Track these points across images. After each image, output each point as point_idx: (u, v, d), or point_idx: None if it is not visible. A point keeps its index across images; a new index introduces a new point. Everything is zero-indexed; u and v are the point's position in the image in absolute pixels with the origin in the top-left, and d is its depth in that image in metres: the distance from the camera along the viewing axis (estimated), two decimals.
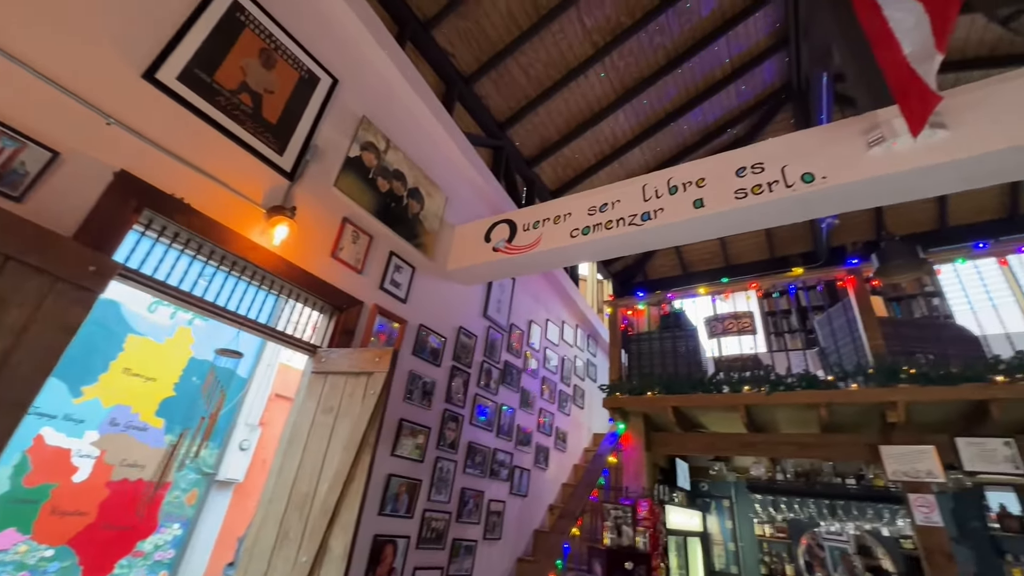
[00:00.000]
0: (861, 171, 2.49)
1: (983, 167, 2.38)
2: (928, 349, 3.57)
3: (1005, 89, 2.33)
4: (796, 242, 7.63)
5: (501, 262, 3.70)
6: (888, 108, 2.46)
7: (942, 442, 3.41)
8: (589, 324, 6.74)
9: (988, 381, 3.09)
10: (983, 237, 6.37)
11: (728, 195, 2.81)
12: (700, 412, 4.32)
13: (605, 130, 6.09)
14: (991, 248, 3.52)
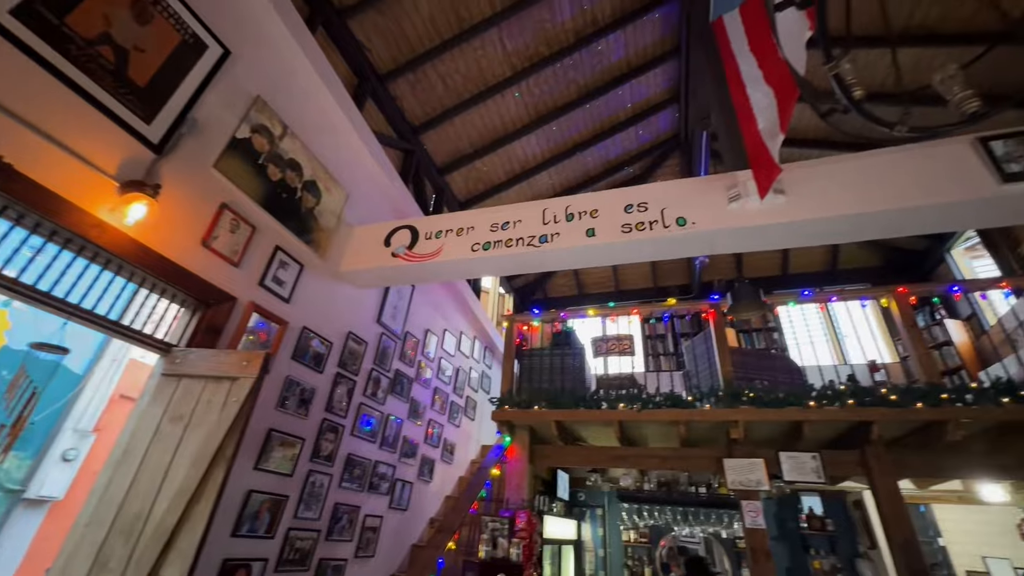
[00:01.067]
0: (722, 221, 2.89)
1: (811, 229, 2.90)
2: (764, 376, 4.22)
3: (831, 169, 2.88)
4: (676, 275, 8.56)
5: (399, 268, 3.61)
6: (745, 171, 2.89)
7: (769, 456, 4.02)
8: (487, 336, 6.83)
9: (804, 405, 3.74)
10: (812, 285, 7.75)
11: (616, 228, 3.07)
12: (581, 426, 4.60)
13: (517, 150, 6.31)
14: (814, 296, 4.30)
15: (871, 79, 4.87)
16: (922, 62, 4.60)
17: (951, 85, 1.25)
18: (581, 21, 5.10)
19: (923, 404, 3.48)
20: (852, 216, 2.70)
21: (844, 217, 2.72)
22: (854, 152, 2.91)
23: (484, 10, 4.67)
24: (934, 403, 3.46)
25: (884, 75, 4.86)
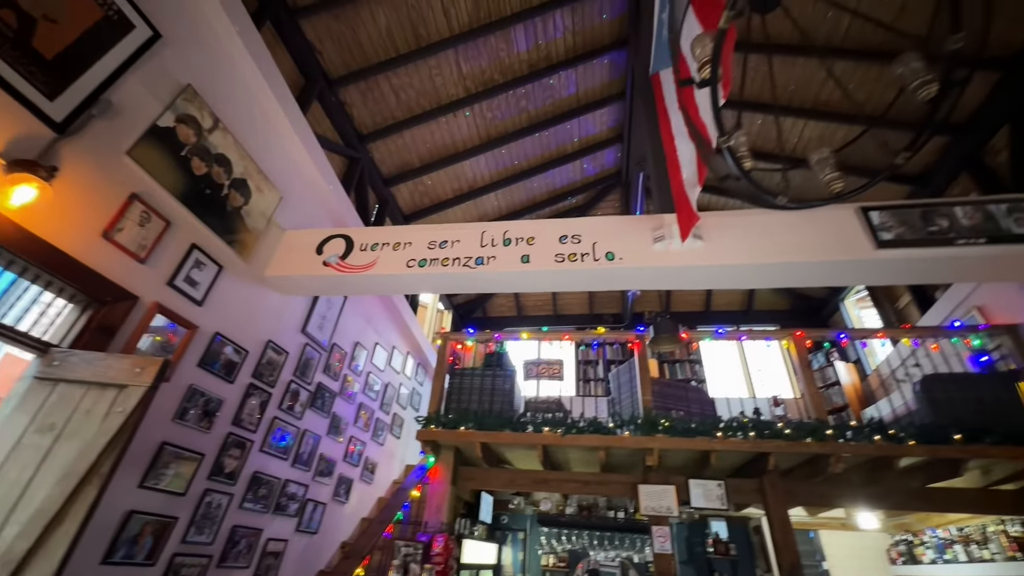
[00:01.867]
0: (647, 259, 3.08)
1: (724, 274, 3.16)
2: (680, 407, 4.48)
3: (743, 221, 3.18)
4: (611, 304, 8.93)
5: (329, 278, 3.48)
6: (671, 215, 3.12)
7: (680, 483, 4.25)
8: (422, 353, 6.71)
9: (712, 436, 4.00)
10: (731, 323, 8.39)
11: (550, 257, 3.18)
12: (506, 449, 4.60)
13: (466, 169, 6.37)
14: (727, 334, 4.66)
15: (765, 142, 5.50)
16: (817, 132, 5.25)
17: (823, 166, 1.45)
18: (536, 55, 5.32)
19: (812, 439, 3.85)
20: (757, 265, 2.98)
21: (751, 266, 3.00)
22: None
23: (443, 31, 4.75)
24: (820, 438, 3.83)
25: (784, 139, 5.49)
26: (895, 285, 6.14)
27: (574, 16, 5.06)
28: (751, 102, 5.41)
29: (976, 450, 3.57)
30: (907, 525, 5.65)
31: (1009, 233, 2.75)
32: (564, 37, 5.24)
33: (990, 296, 4.35)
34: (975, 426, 3.69)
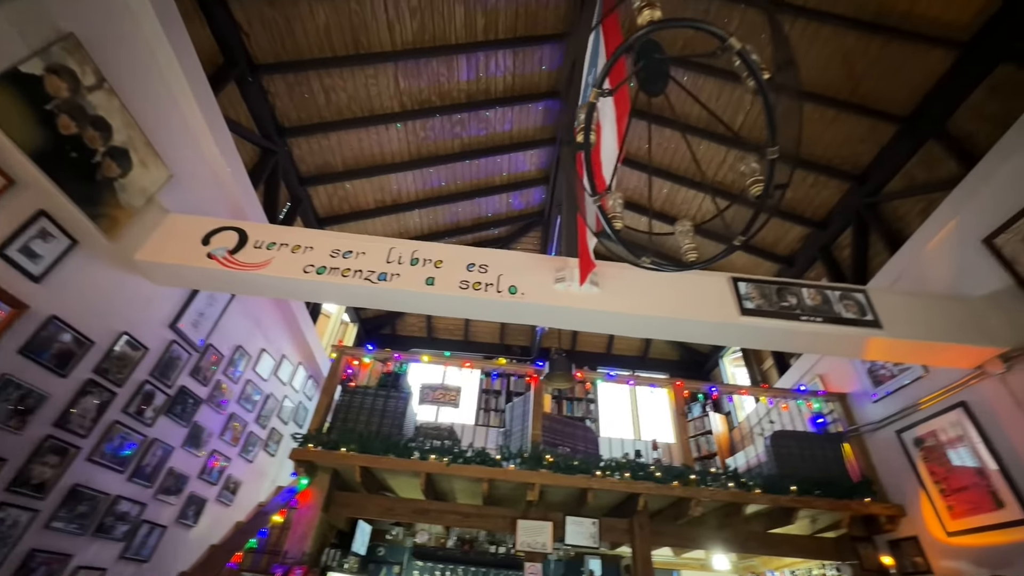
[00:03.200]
0: (547, 298, 3.21)
1: (615, 320, 3.38)
2: (567, 443, 4.62)
3: (634, 274, 3.44)
4: (521, 336, 9.11)
5: (212, 272, 3.17)
6: (574, 259, 3.30)
7: (558, 520, 4.33)
8: (316, 365, 6.28)
9: (592, 474, 4.16)
10: (629, 367, 8.92)
11: (454, 283, 3.19)
12: (389, 475, 4.40)
13: (392, 183, 6.27)
14: (617, 377, 4.95)
15: (670, 206, 6.15)
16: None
17: (683, 237, 1.64)
18: (476, 87, 5.48)
19: (677, 483, 4.16)
20: (643, 316, 3.24)
21: (638, 316, 3.25)
22: None
23: (384, 44, 4.73)
24: (685, 483, 4.15)
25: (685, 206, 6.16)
26: (760, 349, 6.99)
27: (515, 59, 5.32)
28: (661, 169, 6.02)
29: (806, 501, 4.08)
30: (753, 567, 6.22)
31: (839, 316, 3.28)
32: (505, 76, 5.48)
33: (830, 366, 5.11)
34: (808, 480, 4.23)
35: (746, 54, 1.16)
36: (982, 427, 3.45)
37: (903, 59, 4.17)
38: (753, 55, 1.19)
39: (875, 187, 4.85)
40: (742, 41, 1.20)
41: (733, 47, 1.14)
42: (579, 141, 1.35)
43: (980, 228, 3.55)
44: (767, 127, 1.27)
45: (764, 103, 1.21)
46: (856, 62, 4.34)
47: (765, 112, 1.23)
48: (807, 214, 5.61)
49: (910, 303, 3.47)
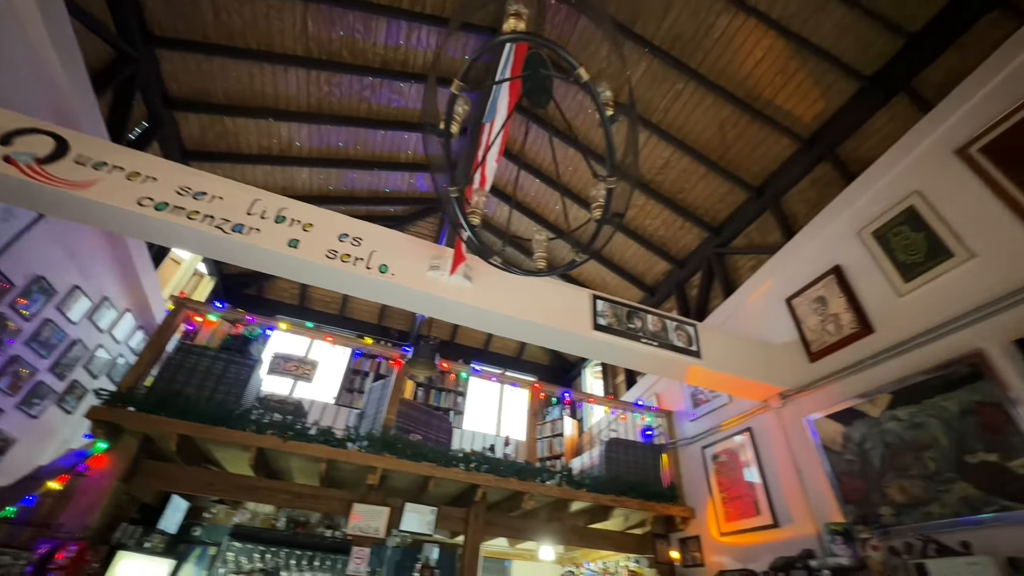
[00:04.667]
0: (417, 283, 3.18)
1: (482, 317, 3.47)
2: (421, 431, 4.63)
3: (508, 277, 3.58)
4: (401, 320, 8.91)
5: (8, 180, 2.58)
6: (450, 249, 3.32)
7: (397, 505, 4.31)
8: (150, 316, 5.44)
9: (437, 463, 4.22)
10: (502, 366, 9.22)
11: (321, 250, 3.01)
12: (216, 447, 3.98)
13: (283, 131, 5.71)
14: (481, 372, 5.09)
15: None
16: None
17: (538, 247, 1.75)
18: (393, 56, 5.23)
19: (516, 478, 4.41)
20: (509, 317, 3.38)
21: (504, 316, 3.38)
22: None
23: None
24: (523, 478, 4.42)
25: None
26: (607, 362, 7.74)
27: (439, 40, 5.20)
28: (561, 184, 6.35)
29: (622, 501, 4.61)
30: (575, 559, 6.85)
31: (671, 343, 3.76)
32: (426, 53, 5.32)
33: (665, 387, 5.84)
34: (627, 483, 4.79)
35: (592, 86, 1.27)
36: (758, 450, 4.23)
37: (761, 139, 4.95)
38: (607, 91, 1.31)
39: (725, 240, 5.68)
40: (618, 78, 1.32)
41: (581, 77, 1.25)
42: (444, 130, 1.36)
43: (786, 290, 4.35)
44: (607, 158, 1.41)
45: (605, 135, 1.35)
46: (728, 131, 5.04)
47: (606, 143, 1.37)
48: (672, 252, 6.36)
49: (727, 341, 4.12)
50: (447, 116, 1.36)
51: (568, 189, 6.23)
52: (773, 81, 4.56)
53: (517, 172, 6.35)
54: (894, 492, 3.04)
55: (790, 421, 3.97)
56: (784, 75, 4.49)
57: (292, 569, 4.77)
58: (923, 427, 2.98)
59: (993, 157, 3.03)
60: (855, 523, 3.17)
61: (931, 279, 3.20)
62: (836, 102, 4.45)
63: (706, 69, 4.67)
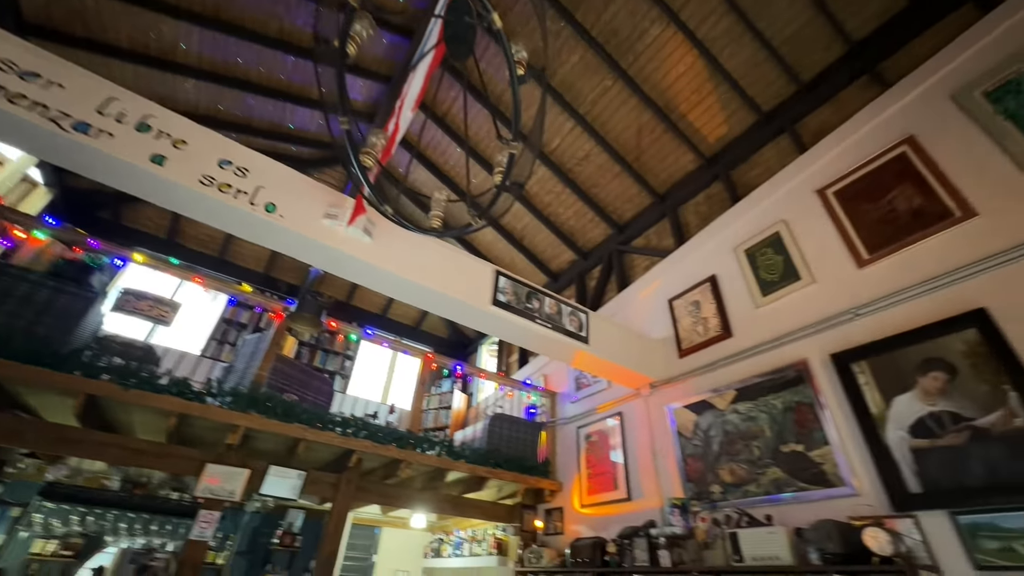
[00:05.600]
0: (309, 229, 2.90)
1: (376, 276, 3.28)
2: (297, 391, 4.31)
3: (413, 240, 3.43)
4: (292, 273, 8.18)
5: None
6: (353, 200, 3.07)
7: (260, 468, 3.99)
8: None
9: (312, 426, 3.97)
10: (400, 335, 8.97)
11: (194, 174, 2.59)
12: (31, 391, 3.31)
13: (165, 31, 4.79)
14: (374, 336, 4.88)
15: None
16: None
17: (436, 205, 1.66)
18: None
19: (396, 446, 4.33)
20: (407, 281, 3.24)
21: (402, 279, 3.23)
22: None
23: None
24: (403, 446, 4.36)
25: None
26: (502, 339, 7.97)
27: None
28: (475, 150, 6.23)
29: (497, 473, 4.77)
30: (446, 527, 7.02)
31: (564, 328, 3.93)
32: None
33: (553, 369, 6.14)
34: (505, 456, 4.97)
35: (504, 36, 1.22)
36: (625, 432, 4.65)
37: (671, 149, 5.31)
38: (522, 51, 1.26)
39: (627, 239, 6.06)
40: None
41: (494, 23, 1.18)
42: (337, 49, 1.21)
43: (670, 291, 4.78)
44: (512, 121, 1.36)
45: (513, 95, 1.30)
46: (645, 137, 5.33)
47: (513, 104, 1.32)
48: (579, 243, 6.64)
49: (614, 331, 4.42)
50: (343, 33, 1.20)
51: (475, 151, 6.13)
52: (689, 98, 4.90)
53: (424, 123, 6.08)
54: (725, 474, 3.53)
55: (655, 409, 4.41)
56: (699, 94, 4.84)
57: (122, 533, 4.20)
58: (755, 420, 3.49)
59: (841, 200, 3.58)
60: (691, 499, 3.64)
61: (781, 296, 3.73)
62: (736, 129, 4.93)
63: (635, 72, 4.86)
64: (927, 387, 2.69)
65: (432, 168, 6.66)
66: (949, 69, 3.33)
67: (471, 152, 6.11)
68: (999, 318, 2.55)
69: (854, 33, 4.10)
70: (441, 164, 6.64)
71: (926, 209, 3.07)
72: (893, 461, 2.68)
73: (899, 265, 3.10)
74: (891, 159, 3.40)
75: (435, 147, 6.50)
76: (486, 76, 5.39)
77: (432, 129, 6.23)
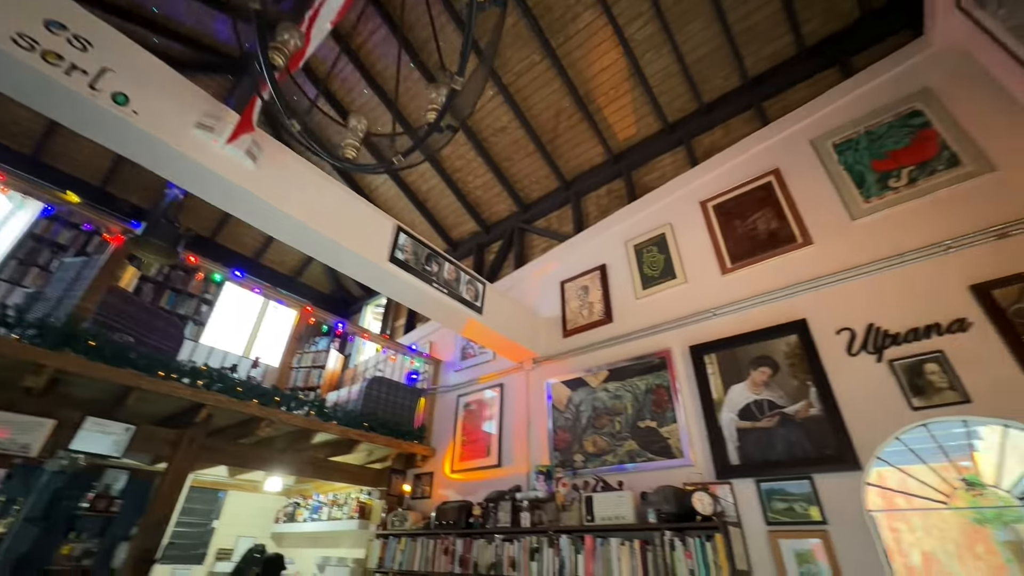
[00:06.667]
0: (172, 137, 2.39)
1: (255, 207, 2.86)
2: (135, 332, 3.62)
3: (308, 174, 3.05)
4: (141, 193, 6.78)
5: None
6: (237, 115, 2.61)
7: (73, 419, 3.30)
8: None
9: (151, 374, 3.38)
10: (275, 284, 8.06)
11: (6, 29, 1.94)
12: None
13: None
14: (244, 279, 4.30)
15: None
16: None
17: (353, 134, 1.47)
18: None
19: (258, 402, 3.92)
20: (292, 219, 2.88)
21: (289, 217, 2.86)
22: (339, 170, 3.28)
23: None
24: (266, 403, 3.96)
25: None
26: (395, 300, 7.72)
27: None
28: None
29: (370, 436, 4.61)
30: (305, 491, 6.64)
31: (460, 295, 3.88)
32: None
33: (440, 337, 6.08)
34: (381, 420, 4.82)
35: None
36: (503, 403, 4.81)
37: (584, 139, 5.50)
38: None
39: (530, 219, 6.18)
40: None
41: None
42: None
43: (563, 274, 5.01)
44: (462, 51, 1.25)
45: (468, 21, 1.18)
46: (562, 121, 5.43)
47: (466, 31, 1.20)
48: (484, 215, 6.59)
49: (507, 305, 4.50)
50: None
51: (391, 99, 5.73)
52: (608, 93, 5.10)
53: (338, 54, 5.48)
54: (588, 444, 3.87)
55: (534, 383, 4.63)
56: (617, 91, 5.06)
57: None
58: (621, 399, 3.86)
59: (718, 214, 4.07)
60: (556, 466, 3.92)
61: (658, 291, 4.14)
62: (643, 133, 5.28)
63: (563, 53, 4.89)
64: (755, 379, 3.23)
65: (335, 104, 6.00)
66: (812, 119, 3.93)
67: (391, 101, 5.63)
68: (813, 328, 3.14)
69: (750, 69, 4.62)
70: (349, 102, 6.01)
71: (779, 232, 3.63)
72: (723, 438, 3.18)
73: (751, 276, 3.63)
74: (759, 185, 3.94)
75: (344, 81, 5.84)
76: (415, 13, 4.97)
77: (345, 62, 5.58)
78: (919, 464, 2.76)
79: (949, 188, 3.00)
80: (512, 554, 3.44)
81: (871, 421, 2.71)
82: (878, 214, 3.22)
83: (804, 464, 2.81)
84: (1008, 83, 2.99)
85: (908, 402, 2.64)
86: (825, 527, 2.61)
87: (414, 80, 5.46)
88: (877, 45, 4.01)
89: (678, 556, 2.68)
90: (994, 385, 2.45)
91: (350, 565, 5.30)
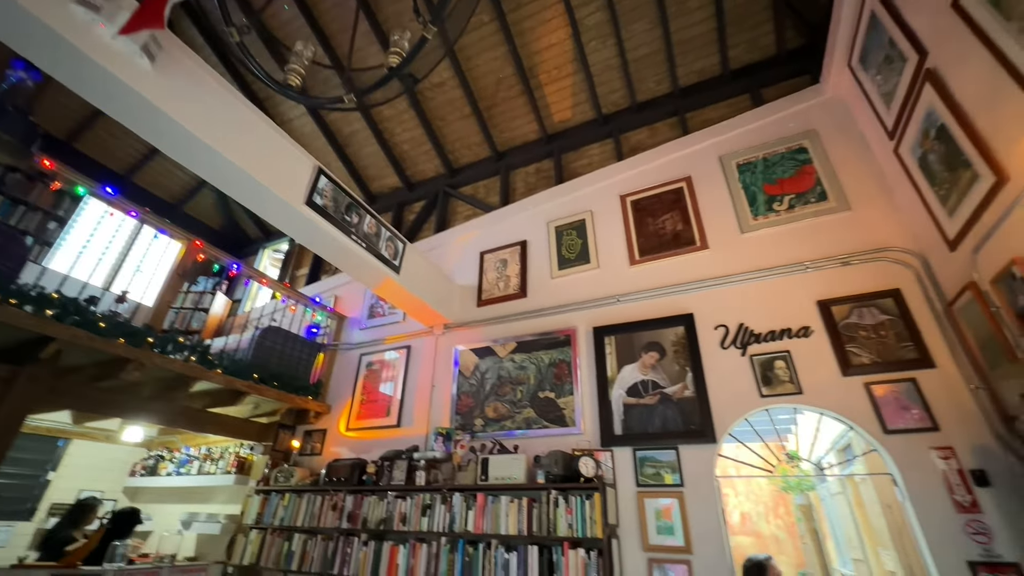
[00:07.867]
0: (45, 14, 1.93)
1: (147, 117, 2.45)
2: None
3: (223, 92, 2.67)
4: None
5: None
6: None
7: None
8: None
9: None
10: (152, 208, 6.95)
11: None
12: None
13: None
14: (117, 199, 3.68)
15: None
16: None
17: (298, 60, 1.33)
18: None
19: (126, 341, 3.44)
20: (194, 139, 2.52)
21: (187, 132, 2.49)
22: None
23: None
24: (136, 344, 3.49)
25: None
26: (307, 247, 7.19)
27: None
28: None
29: (259, 388, 4.32)
30: (171, 443, 6.01)
31: (379, 252, 3.74)
32: None
33: (347, 292, 5.81)
34: (274, 372, 4.52)
35: None
36: (408, 365, 4.80)
37: (522, 113, 5.50)
38: None
39: (457, 184, 6.07)
40: None
41: None
42: None
43: (484, 244, 5.05)
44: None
45: None
46: (502, 91, 5.36)
47: None
48: (408, 172, 6.32)
49: (425, 267, 4.43)
50: None
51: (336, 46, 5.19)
52: (550, 72, 5.13)
53: None
54: (489, 410, 4.05)
55: (443, 348, 4.67)
56: (560, 72, 5.11)
57: None
58: (525, 370, 4.08)
59: (635, 209, 4.39)
60: (456, 429, 4.05)
61: (572, 273, 4.38)
62: (578, 119, 5.43)
63: (513, 20, 4.79)
64: (645, 362, 3.62)
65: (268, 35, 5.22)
66: (724, 137, 4.38)
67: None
68: (698, 322, 3.60)
69: (681, 79, 4.96)
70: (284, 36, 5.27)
71: (682, 235, 4.04)
72: (611, 411, 3.54)
73: (655, 270, 4.02)
74: (672, 189, 4.32)
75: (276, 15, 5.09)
76: None
77: None
78: (757, 441, 3.37)
79: (815, 219, 3.59)
80: (404, 510, 3.52)
81: (730, 403, 3.22)
82: (762, 231, 3.74)
83: (673, 436, 3.26)
84: (870, 139, 3.62)
85: (759, 390, 3.18)
86: (682, 489, 3.09)
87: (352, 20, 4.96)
88: (784, 82, 4.56)
89: (560, 512, 2.97)
90: (819, 382, 3.05)
91: (221, 521, 4.97)
